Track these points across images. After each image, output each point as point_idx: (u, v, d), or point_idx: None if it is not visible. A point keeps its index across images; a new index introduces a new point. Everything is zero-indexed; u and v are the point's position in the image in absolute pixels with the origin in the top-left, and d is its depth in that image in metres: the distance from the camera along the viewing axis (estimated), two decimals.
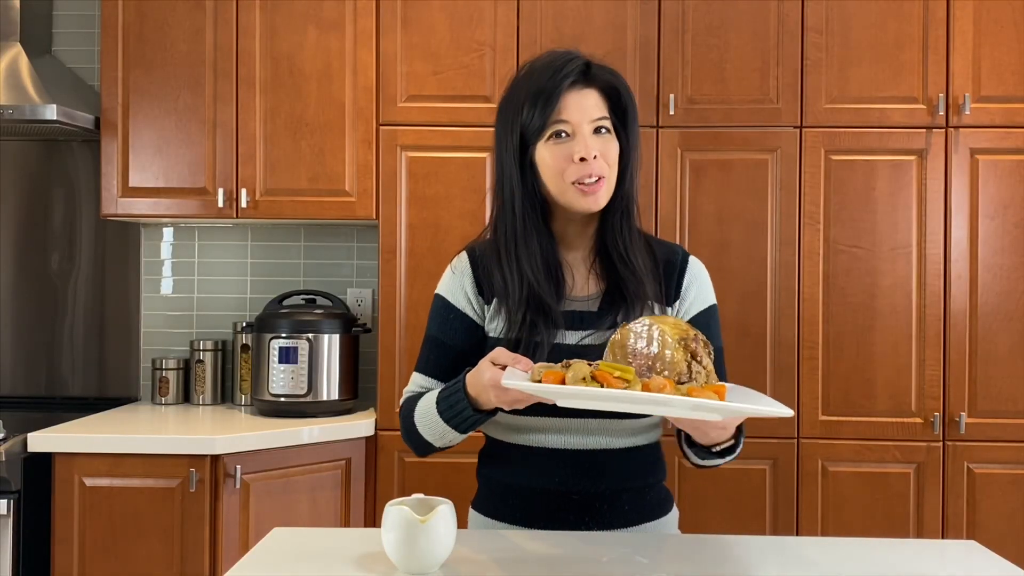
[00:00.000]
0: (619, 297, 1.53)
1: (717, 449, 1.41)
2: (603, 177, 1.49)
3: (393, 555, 1.31)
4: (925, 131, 2.73)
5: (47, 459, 2.48)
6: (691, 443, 1.47)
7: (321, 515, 2.68)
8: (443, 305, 1.59)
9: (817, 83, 2.75)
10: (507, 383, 1.23)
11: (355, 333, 2.94)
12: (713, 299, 1.62)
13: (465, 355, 1.56)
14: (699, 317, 1.58)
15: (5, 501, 2.37)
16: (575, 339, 1.52)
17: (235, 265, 3.22)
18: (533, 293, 1.50)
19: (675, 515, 1.64)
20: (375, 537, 1.41)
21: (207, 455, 2.48)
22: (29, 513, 2.44)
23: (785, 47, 2.76)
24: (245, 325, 3.06)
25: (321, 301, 2.99)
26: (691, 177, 2.75)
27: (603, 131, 1.51)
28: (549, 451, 1.53)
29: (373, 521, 2.76)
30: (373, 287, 3.18)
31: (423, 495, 1.37)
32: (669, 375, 1.27)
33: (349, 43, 2.84)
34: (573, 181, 1.48)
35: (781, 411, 1.21)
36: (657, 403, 1.23)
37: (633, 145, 1.55)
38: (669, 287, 1.58)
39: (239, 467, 2.51)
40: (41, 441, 2.47)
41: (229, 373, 3.14)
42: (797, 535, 2.70)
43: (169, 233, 3.23)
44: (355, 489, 2.74)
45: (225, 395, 3.14)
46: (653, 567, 1.38)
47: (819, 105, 2.75)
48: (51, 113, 2.76)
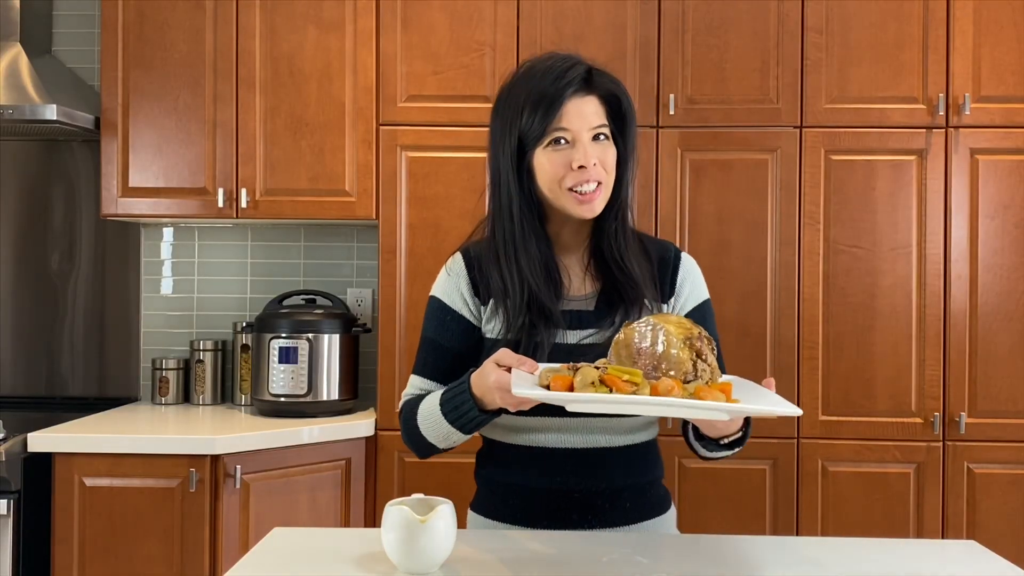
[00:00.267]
0: (616, 297, 1.54)
1: (725, 441, 1.42)
2: (601, 184, 1.49)
3: (393, 555, 1.31)
4: (925, 131, 2.74)
5: (47, 459, 2.48)
6: (698, 436, 1.47)
7: (321, 515, 2.68)
8: (439, 307, 1.59)
9: (817, 83, 2.75)
10: (518, 392, 1.22)
11: (355, 333, 2.94)
12: (706, 294, 1.63)
13: (462, 356, 1.56)
14: (694, 312, 1.59)
15: (5, 501, 2.38)
16: (575, 339, 1.52)
17: (235, 265, 3.22)
18: (534, 296, 1.50)
19: (673, 513, 1.65)
20: (375, 537, 1.41)
21: (207, 455, 2.49)
22: (29, 513, 2.44)
23: (785, 47, 2.76)
24: (245, 325, 3.06)
25: (321, 301, 2.99)
26: (691, 177, 2.75)
27: (602, 138, 1.51)
28: (549, 451, 1.53)
29: (373, 521, 2.76)
30: (373, 287, 3.18)
31: (423, 495, 1.37)
32: (675, 374, 1.27)
33: (349, 43, 2.84)
34: (570, 187, 1.48)
35: (790, 410, 1.22)
36: (668, 407, 1.23)
37: (630, 152, 1.55)
38: (663, 284, 1.59)
39: (239, 467, 2.51)
40: (41, 441, 2.47)
41: (229, 373, 3.14)
42: (797, 535, 2.70)
43: (169, 233, 3.23)
44: (355, 489, 2.74)
45: (225, 395, 3.14)
46: (653, 567, 1.38)
47: (819, 105, 2.75)
48: (51, 113, 2.76)
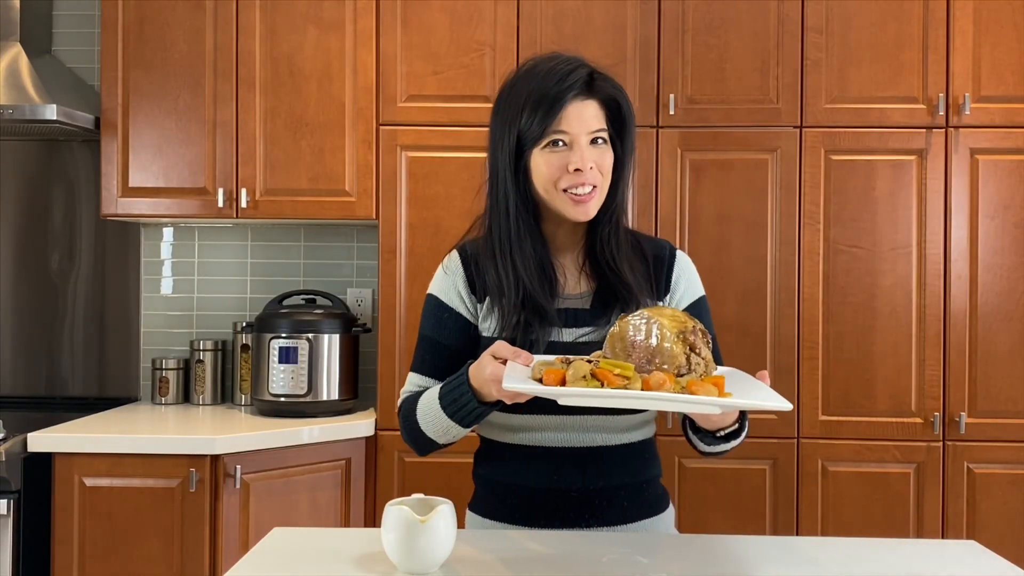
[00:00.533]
0: (611, 297, 1.55)
1: (722, 434, 1.43)
2: (596, 187, 1.50)
3: (393, 555, 1.31)
4: (925, 131, 2.73)
5: (47, 459, 2.48)
6: (696, 429, 1.48)
7: (321, 515, 2.68)
8: (436, 304, 1.60)
9: (817, 83, 2.75)
10: (508, 386, 1.23)
11: (355, 333, 2.94)
12: (702, 291, 1.64)
13: (460, 354, 1.56)
14: (690, 309, 1.59)
15: (5, 501, 2.38)
16: (570, 337, 1.53)
17: (235, 265, 3.22)
18: (528, 295, 1.51)
19: (672, 512, 1.65)
20: (375, 537, 1.41)
21: (207, 455, 2.49)
22: (29, 513, 2.44)
23: (785, 47, 2.76)
24: (245, 325, 3.06)
25: (321, 301, 2.99)
26: (691, 177, 2.75)
27: (600, 142, 1.51)
28: (546, 449, 1.53)
29: (373, 521, 2.76)
30: (373, 287, 3.18)
31: (423, 495, 1.37)
32: (668, 368, 1.28)
33: (349, 43, 2.84)
34: (565, 189, 1.49)
35: (780, 404, 1.21)
36: (658, 401, 1.24)
37: (628, 156, 1.56)
38: (659, 282, 1.59)
39: (239, 467, 2.51)
40: (41, 441, 2.47)
41: (229, 373, 3.14)
42: (797, 535, 2.69)
43: (169, 233, 3.23)
44: (355, 489, 2.74)
45: (225, 395, 3.14)
46: (653, 567, 1.38)
47: (819, 105, 2.75)
48: (51, 113, 2.76)
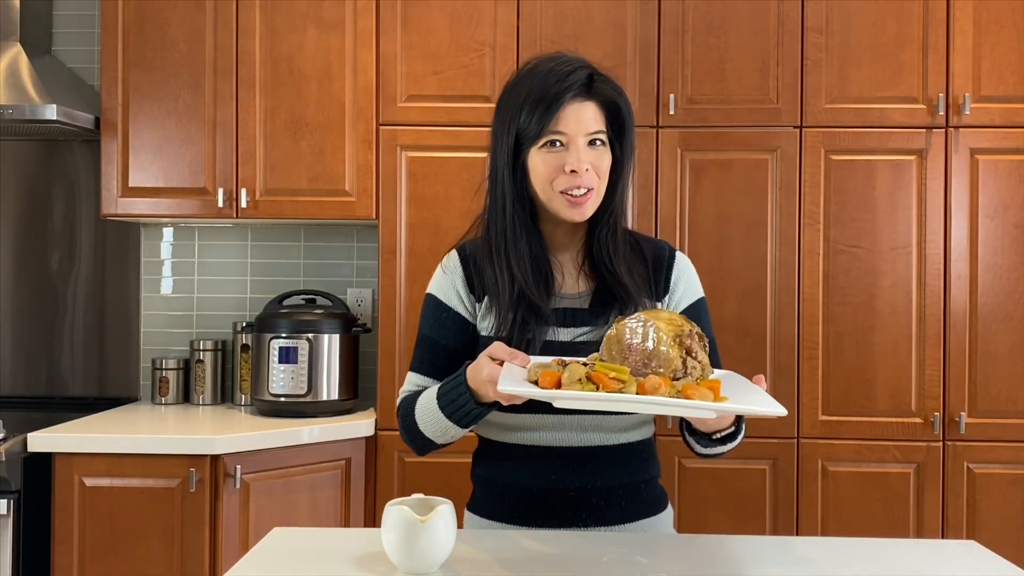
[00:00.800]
0: (609, 297, 1.55)
1: (718, 436, 1.43)
2: (592, 189, 1.50)
3: (393, 555, 1.31)
4: (925, 131, 2.73)
5: (47, 459, 2.48)
6: (692, 431, 1.48)
7: (321, 515, 2.68)
8: (435, 304, 1.60)
9: (817, 83, 2.75)
10: (503, 389, 1.23)
11: (355, 333, 2.94)
12: (701, 292, 1.64)
13: (458, 353, 1.57)
14: (689, 311, 1.59)
15: (5, 501, 2.38)
16: (568, 336, 1.53)
17: (235, 265, 3.22)
18: (523, 292, 1.51)
19: (670, 513, 1.65)
20: (375, 537, 1.41)
21: (207, 455, 2.49)
22: (29, 513, 2.44)
23: (785, 47, 2.76)
24: (245, 325, 3.06)
25: (321, 301, 2.98)
26: (691, 177, 2.75)
27: (598, 143, 1.51)
28: (544, 449, 1.53)
29: (373, 521, 2.76)
30: (373, 287, 3.18)
31: (423, 495, 1.37)
32: (664, 371, 1.28)
33: (349, 43, 2.84)
34: (561, 190, 1.49)
35: (775, 410, 1.21)
36: (654, 405, 1.24)
37: (627, 158, 1.56)
38: (658, 283, 1.59)
39: (239, 467, 2.51)
40: (41, 441, 2.47)
41: (229, 373, 3.14)
42: (797, 535, 2.70)
43: (169, 233, 3.23)
44: (355, 489, 2.74)
45: (225, 395, 3.14)
46: (653, 567, 1.38)
47: (819, 105, 2.75)
48: (51, 113, 2.76)
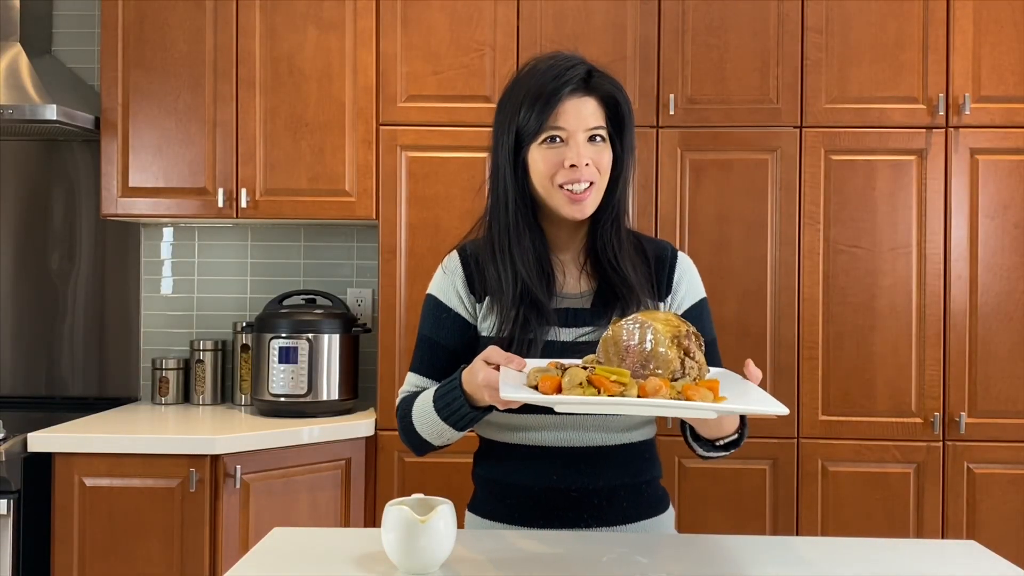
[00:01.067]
0: (612, 297, 1.54)
1: (721, 443, 1.42)
2: (593, 183, 1.50)
3: (393, 555, 1.31)
4: (925, 131, 2.73)
5: (47, 459, 2.48)
6: (696, 437, 1.48)
7: (321, 515, 2.68)
8: (435, 305, 1.60)
9: (817, 83, 2.75)
10: (505, 395, 1.22)
11: (355, 333, 2.94)
12: (703, 292, 1.64)
13: (458, 354, 1.57)
14: (691, 311, 1.59)
15: (5, 501, 2.38)
16: (570, 336, 1.53)
17: (235, 265, 3.22)
18: (526, 290, 1.51)
19: (671, 514, 1.65)
20: (375, 537, 1.41)
21: (207, 455, 2.49)
22: (29, 513, 2.44)
23: (785, 47, 2.76)
24: (245, 325, 3.06)
25: (321, 301, 2.98)
26: (691, 177, 2.75)
27: (597, 139, 1.51)
28: (545, 449, 1.53)
29: (373, 521, 2.76)
30: (373, 287, 3.18)
31: (423, 495, 1.37)
32: (663, 372, 1.28)
33: (349, 43, 2.84)
34: (561, 184, 1.49)
35: (778, 409, 1.21)
36: (655, 408, 1.24)
37: (628, 154, 1.56)
38: (660, 283, 1.59)
39: (239, 467, 2.51)
40: (41, 441, 2.47)
41: (229, 373, 3.14)
42: (797, 535, 2.70)
43: (169, 233, 3.23)
44: (355, 489, 2.74)
45: (225, 395, 3.14)
46: (653, 567, 1.38)
47: (819, 105, 2.75)
48: (51, 113, 2.76)
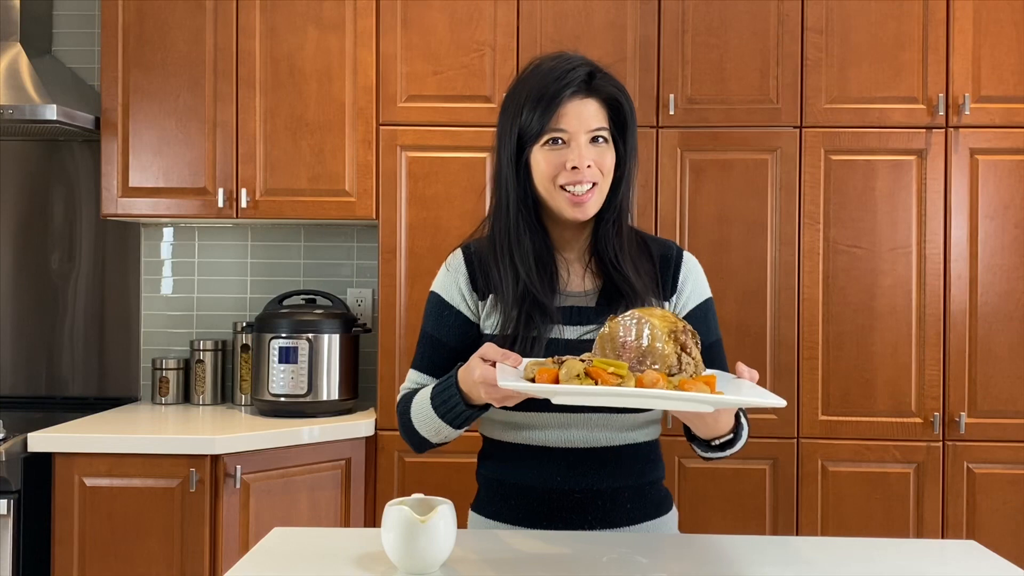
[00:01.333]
0: (616, 295, 1.55)
1: (717, 443, 1.43)
2: (595, 185, 1.50)
3: (393, 555, 1.31)
4: (925, 131, 2.73)
5: (47, 459, 2.48)
6: (693, 437, 1.48)
7: (321, 515, 2.68)
8: (438, 302, 1.60)
9: (817, 83, 2.75)
10: (503, 384, 1.23)
11: (355, 333, 2.94)
12: (708, 292, 1.64)
13: (460, 352, 1.57)
14: (696, 311, 1.60)
15: (5, 501, 2.38)
16: (574, 334, 1.53)
17: (235, 265, 3.22)
18: (527, 289, 1.51)
19: (675, 515, 1.65)
20: (375, 537, 1.42)
21: (207, 455, 2.49)
22: (29, 513, 2.44)
23: (785, 47, 2.76)
24: (245, 325, 3.06)
25: (321, 301, 2.98)
26: (691, 177, 2.75)
27: (600, 140, 1.52)
28: (549, 449, 1.53)
29: (373, 521, 2.76)
30: (373, 287, 3.18)
31: (423, 495, 1.37)
32: (660, 368, 1.28)
33: (349, 43, 2.84)
34: (563, 186, 1.49)
35: (776, 401, 1.21)
36: (652, 398, 1.24)
37: (630, 155, 1.56)
38: (665, 282, 1.59)
39: (239, 467, 2.51)
40: (41, 441, 2.47)
41: (229, 373, 3.14)
42: (797, 535, 2.70)
43: (169, 233, 3.23)
44: (355, 489, 2.74)
45: (225, 395, 3.14)
46: (653, 567, 1.38)
47: (819, 105, 2.75)
48: (51, 113, 2.76)
